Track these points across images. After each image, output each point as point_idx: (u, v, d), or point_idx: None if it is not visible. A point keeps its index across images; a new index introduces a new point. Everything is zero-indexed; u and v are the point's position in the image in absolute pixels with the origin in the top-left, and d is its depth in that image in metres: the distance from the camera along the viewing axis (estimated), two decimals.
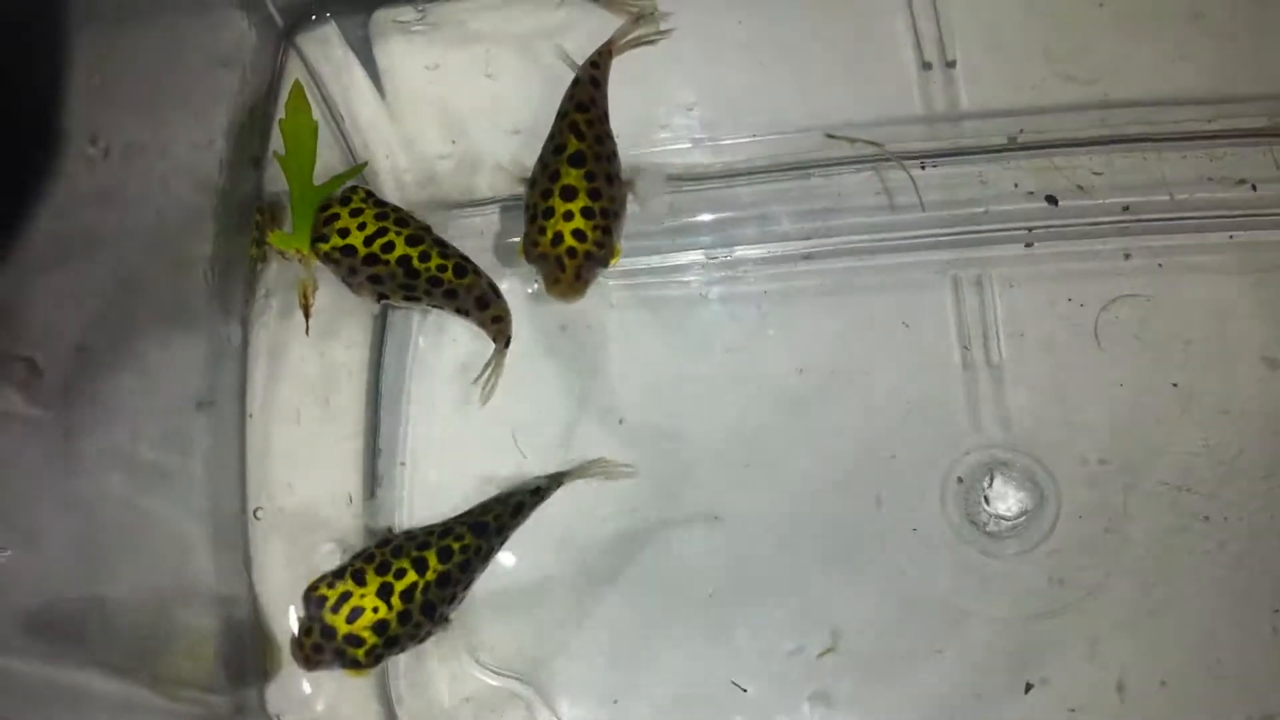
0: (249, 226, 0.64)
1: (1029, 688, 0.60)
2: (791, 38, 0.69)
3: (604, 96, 0.62)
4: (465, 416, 0.64)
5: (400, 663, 0.62)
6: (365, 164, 0.66)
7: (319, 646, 0.54)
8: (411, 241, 0.58)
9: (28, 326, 0.46)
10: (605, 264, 0.57)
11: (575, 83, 0.62)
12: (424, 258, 0.58)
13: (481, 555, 0.58)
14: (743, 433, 0.64)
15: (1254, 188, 0.68)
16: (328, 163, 0.65)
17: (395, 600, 0.54)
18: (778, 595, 0.62)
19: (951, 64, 0.69)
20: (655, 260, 0.67)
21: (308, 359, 0.64)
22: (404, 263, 0.58)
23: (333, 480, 0.63)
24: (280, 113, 0.62)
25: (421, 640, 0.56)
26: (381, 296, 0.60)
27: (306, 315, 0.64)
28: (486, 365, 0.60)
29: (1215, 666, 0.60)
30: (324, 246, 0.59)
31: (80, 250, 0.50)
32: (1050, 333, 0.65)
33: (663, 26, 0.66)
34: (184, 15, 0.58)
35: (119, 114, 0.52)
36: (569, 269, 0.56)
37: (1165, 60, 0.70)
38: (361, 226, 0.58)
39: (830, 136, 0.68)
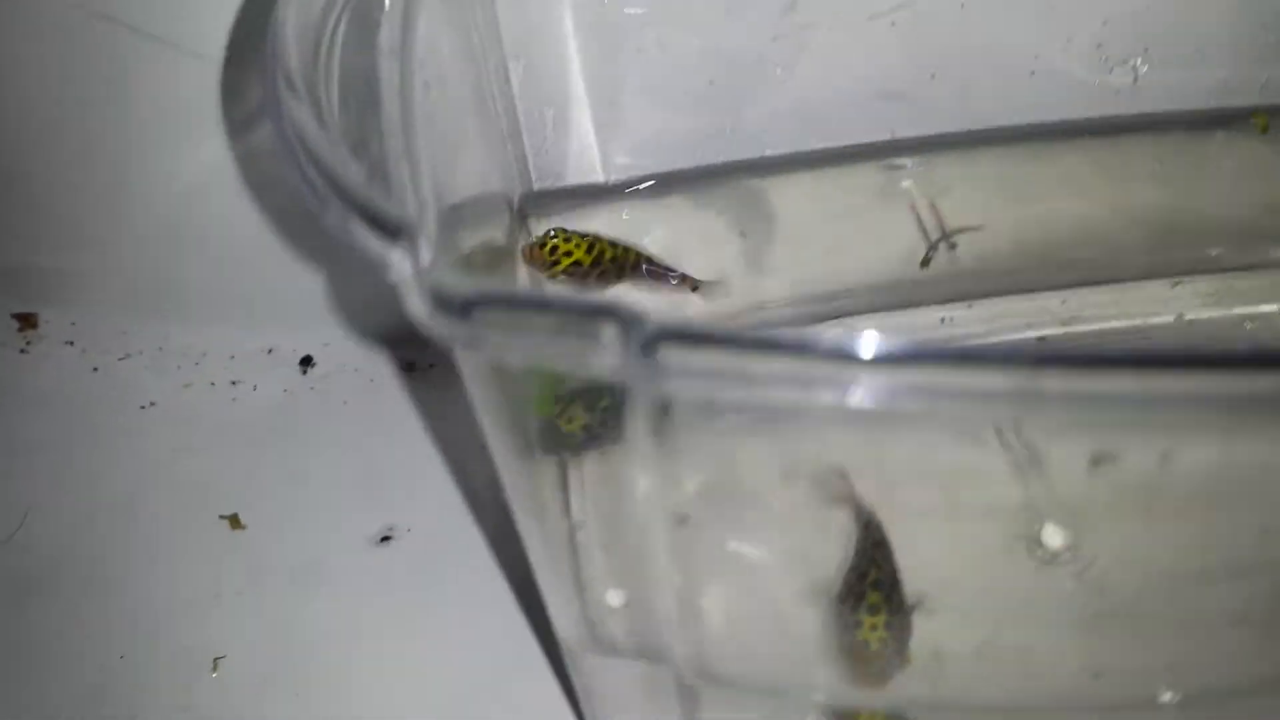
0: None
1: None
2: (829, 219, 0.98)
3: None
4: None
5: None
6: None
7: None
8: (612, 245, 0.86)
9: None
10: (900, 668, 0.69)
11: (866, 524, 0.74)
12: (624, 251, 0.86)
13: None
14: None
15: None
16: None
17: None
18: None
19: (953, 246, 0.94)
20: None
21: None
22: (613, 260, 0.85)
23: None
24: None
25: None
26: (607, 284, 0.86)
27: None
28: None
29: None
30: (557, 270, 0.85)
31: None
32: None
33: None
34: None
35: None
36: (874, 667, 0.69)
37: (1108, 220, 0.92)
38: (578, 247, 0.84)
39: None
